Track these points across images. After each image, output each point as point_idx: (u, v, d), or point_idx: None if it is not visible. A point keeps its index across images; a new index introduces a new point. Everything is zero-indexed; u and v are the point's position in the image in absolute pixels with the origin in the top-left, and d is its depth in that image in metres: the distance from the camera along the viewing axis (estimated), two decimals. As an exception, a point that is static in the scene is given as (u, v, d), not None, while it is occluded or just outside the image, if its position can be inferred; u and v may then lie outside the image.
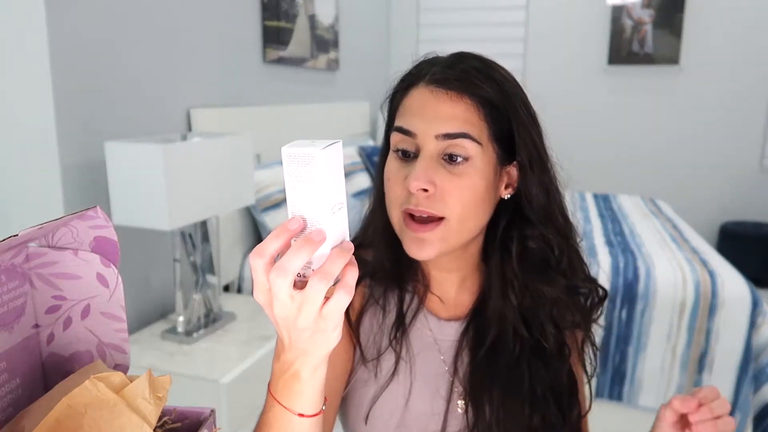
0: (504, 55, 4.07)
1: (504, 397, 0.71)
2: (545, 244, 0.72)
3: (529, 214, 0.71)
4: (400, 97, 0.72)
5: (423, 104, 0.68)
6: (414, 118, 0.68)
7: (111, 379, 0.42)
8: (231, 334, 1.74)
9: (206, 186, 1.59)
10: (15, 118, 1.51)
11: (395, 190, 0.69)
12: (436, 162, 0.66)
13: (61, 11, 1.48)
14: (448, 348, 0.76)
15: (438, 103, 0.67)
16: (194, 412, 0.50)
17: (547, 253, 0.72)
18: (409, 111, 0.69)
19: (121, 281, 0.50)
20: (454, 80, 0.67)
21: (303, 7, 2.85)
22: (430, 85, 0.69)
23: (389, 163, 0.71)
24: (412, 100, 0.70)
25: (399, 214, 0.69)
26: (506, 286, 0.73)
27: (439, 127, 0.66)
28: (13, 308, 0.47)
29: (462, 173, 0.66)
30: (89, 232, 0.49)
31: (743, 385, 1.94)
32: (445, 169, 0.66)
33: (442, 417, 0.72)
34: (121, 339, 0.52)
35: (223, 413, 1.48)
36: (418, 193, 0.65)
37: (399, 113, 0.71)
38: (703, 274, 2.05)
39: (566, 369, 0.75)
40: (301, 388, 0.52)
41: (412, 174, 0.65)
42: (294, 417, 0.52)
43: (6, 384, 0.47)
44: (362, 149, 3.26)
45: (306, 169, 0.45)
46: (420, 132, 0.67)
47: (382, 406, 0.73)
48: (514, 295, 0.73)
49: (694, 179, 4.00)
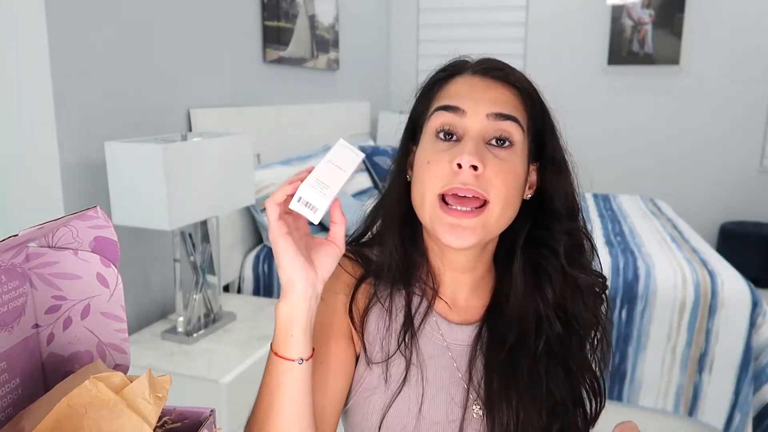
0: (504, 55, 4.05)
1: (521, 402, 0.69)
2: (574, 237, 0.74)
3: (557, 211, 0.73)
4: (441, 84, 0.72)
5: (472, 87, 0.68)
6: (463, 98, 0.67)
7: (111, 379, 0.42)
8: (231, 334, 1.74)
9: (206, 186, 1.59)
10: (15, 118, 1.51)
11: (435, 172, 0.66)
12: (484, 144, 0.66)
13: (61, 11, 1.48)
14: (461, 353, 0.74)
15: (488, 87, 0.68)
16: (194, 412, 0.50)
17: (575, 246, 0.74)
18: (456, 93, 0.69)
19: (121, 281, 0.50)
20: (502, 70, 0.69)
21: (303, 7, 2.85)
22: (478, 73, 0.70)
23: (427, 147, 0.69)
24: (459, 85, 0.70)
25: (434, 200, 0.66)
26: (542, 281, 0.73)
27: (490, 107, 0.66)
28: (13, 308, 0.47)
29: (507, 158, 0.66)
30: (89, 232, 0.49)
31: (743, 385, 1.94)
32: (491, 153, 0.66)
33: (458, 425, 0.70)
34: (121, 339, 0.52)
35: (223, 413, 1.48)
36: (468, 171, 0.63)
37: (440, 97, 0.70)
38: (703, 274, 2.05)
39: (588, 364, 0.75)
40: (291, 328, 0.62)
41: (465, 150, 0.63)
42: (289, 363, 0.61)
43: (6, 384, 0.47)
44: (362, 149, 3.26)
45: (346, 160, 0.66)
46: (470, 109, 0.66)
47: (395, 414, 0.70)
48: (551, 290, 0.73)
49: (694, 179, 4.00)
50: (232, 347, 1.65)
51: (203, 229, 1.76)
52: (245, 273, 2.31)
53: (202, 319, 1.75)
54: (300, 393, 0.62)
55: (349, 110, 3.55)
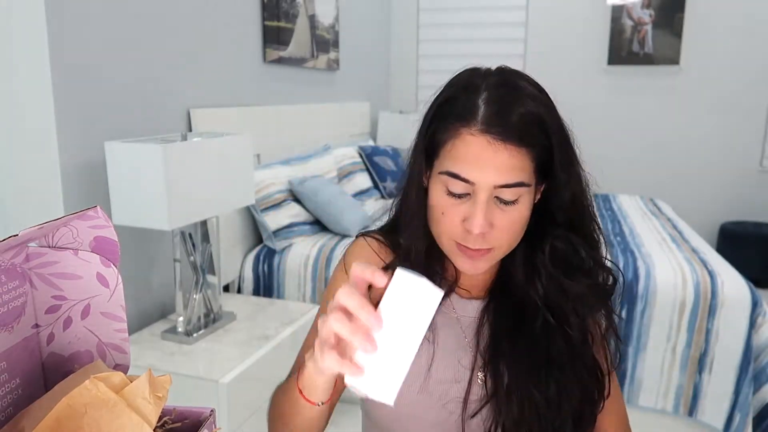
0: (504, 55, 4.07)
1: (521, 365, 0.75)
2: (570, 245, 0.76)
3: (557, 218, 0.76)
4: (451, 133, 0.71)
5: (480, 154, 0.69)
6: (470, 166, 0.69)
7: (111, 379, 0.42)
8: (231, 334, 1.74)
9: (206, 186, 1.59)
10: (15, 118, 1.51)
11: (448, 225, 0.73)
12: (492, 203, 0.70)
13: (61, 11, 1.48)
14: (469, 324, 0.81)
15: (496, 155, 0.68)
16: (194, 412, 0.50)
17: (571, 254, 0.77)
18: (464, 158, 0.70)
19: (121, 281, 0.50)
20: (512, 132, 0.68)
21: (303, 7, 2.85)
22: (486, 135, 0.68)
23: (440, 197, 0.73)
24: (468, 146, 0.69)
25: (450, 242, 0.74)
26: (534, 274, 0.78)
27: (497, 179, 0.68)
28: (13, 308, 0.47)
29: (513, 210, 0.71)
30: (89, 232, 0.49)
31: (743, 385, 1.94)
32: (498, 208, 0.71)
33: (465, 385, 0.76)
34: (121, 339, 0.52)
35: (223, 413, 1.49)
36: (477, 235, 0.70)
37: (450, 154, 0.71)
38: (702, 274, 2.05)
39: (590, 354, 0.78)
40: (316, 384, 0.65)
41: (474, 220, 0.69)
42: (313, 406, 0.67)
43: (6, 384, 0.47)
44: (362, 149, 3.26)
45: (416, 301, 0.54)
46: (478, 182, 0.69)
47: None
48: (540, 285, 0.78)
49: (694, 179, 4.00)
50: (232, 347, 1.65)
51: (203, 229, 1.76)
52: (245, 273, 2.31)
53: (202, 319, 1.75)
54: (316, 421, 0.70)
55: (349, 110, 3.54)
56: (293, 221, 2.40)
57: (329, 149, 2.98)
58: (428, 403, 0.77)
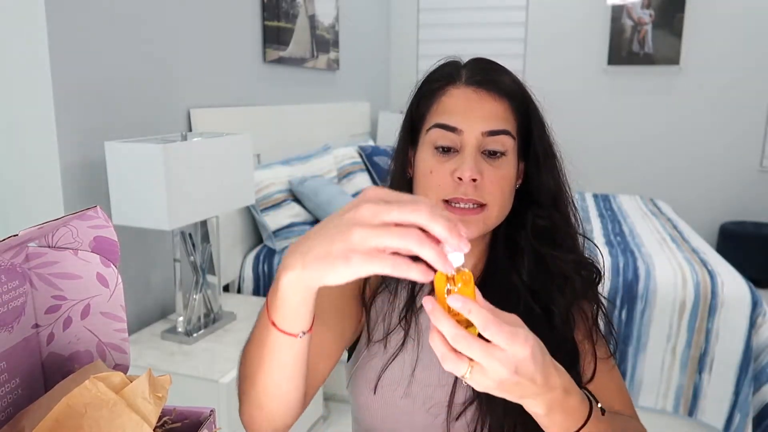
0: (504, 55, 4.07)
1: None
2: (552, 222, 0.78)
3: (538, 199, 0.78)
4: (437, 95, 0.76)
5: (467, 102, 0.73)
6: (459, 116, 0.73)
7: (111, 379, 0.42)
8: (231, 334, 1.74)
9: (206, 186, 1.59)
10: (15, 118, 1.51)
11: (438, 182, 0.73)
12: (480, 155, 0.73)
13: (62, 11, 1.48)
14: None
15: (482, 102, 0.73)
16: (194, 412, 0.50)
17: (552, 230, 0.79)
18: (452, 109, 0.74)
19: (121, 281, 0.50)
20: (494, 82, 0.74)
21: (303, 7, 2.85)
22: (471, 85, 0.74)
23: (427, 158, 0.75)
24: (455, 98, 0.74)
25: (439, 203, 0.73)
26: (517, 254, 0.79)
27: (484, 125, 0.72)
28: (13, 308, 0.47)
29: (501, 165, 0.73)
30: (89, 232, 0.49)
31: (743, 385, 1.94)
32: (486, 162, 0.73)
33: (450, 388, 0.76)
34: (121, 339, 0.52)
35: (223, 413, 1.49)
36: (468, 183, 0.71)
37: (437, 110, 0.75)
38: (702, 274, 2.05)
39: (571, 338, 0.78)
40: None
41: (465, 165, 0.71)
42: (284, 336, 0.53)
43: (6, 384, 0.47)
44: (362, 149, 3.26)
45: None
46: (466, 129, 0.72)
47: (390, 375, 0.77)
48: (524, 266, 0.78)
49: (694, 179, 4.00)
50: (232, 347, 1.65)
51: (203, 229, 1.76)
52: (245, 273, 2.31)
53: (202, 319, 1.75)
54: (294, 362, 0.57)
55: (349, 110, 3.54)
56: (293, 221, 2.40)
57: (329, 149, 2.98)
58: (412, 407, 0.76)
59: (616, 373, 0.83)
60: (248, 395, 0.64)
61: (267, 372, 0.58)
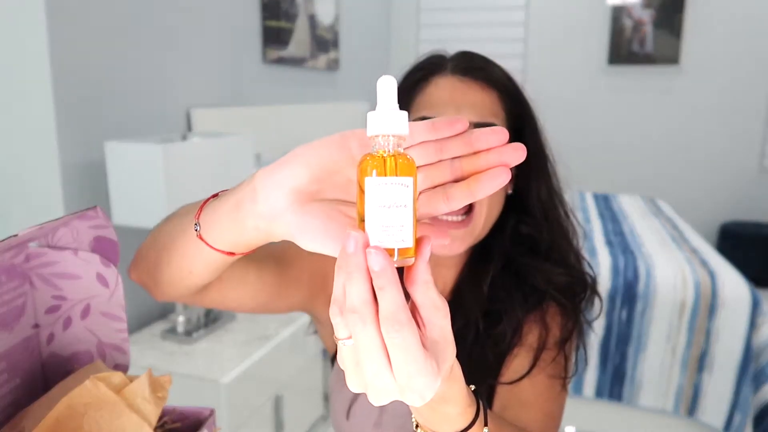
0: (504, 55, 4.07)
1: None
2: (537, 232, 0.73)
3: (527, 205, 0.73)
4: (422, 86, 0.71)
5: (452, 91, 0.69)
6: (444, 107, 0.68)
7: (111, 379, 0.42)
8: (231, 334, 1.74)
9: (206, 186, 1.59)
10: (15, 118, 1.51)
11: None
12: None
13: (61, 11, 1.48)
14: None
15: (468, 89, 0.68)
16: (194, 412, 0.50)
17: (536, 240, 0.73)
18: (437, 100, 0.69)
19: (121, 281, 0.50)
20: (482, 70, 0.69)
21: (303, 7, 2.85)
22: (458, 74, 0.69)
23: None
24: (439, 89, 0.70)
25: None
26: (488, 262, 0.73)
27: (472, 115, 0.67)
28: (13, 308, 0.47)
29: None
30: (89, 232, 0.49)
31: (743, 385, 1.94)
32: None
33: None
34: (121, 339, 0.52)
35: (223, 413, 1.48)
36: None
37: (421, 103, 0.70)
38: (703, 274, 2.05)
39: (503, 351, 0.71)
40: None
41: None
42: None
43: (6, 384, 0.47)
44: (362, 149, 3.26)
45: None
46: None
47: (362, 403, 0.75)
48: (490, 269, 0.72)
49: (694, 179, 4.00)
50: (232, 347, 1.65)
51: (203, 229, 1.76)
52: (245, 273, 2.30)
53: (202, 319, 1.75)
54: (209, 272, 0.50)
55: (349, 110, 3.54)
56: (293, 221, 2.40)
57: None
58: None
59: (556, 397, 0.71)
60: (146, 261, 0.58)
61: (174, 266, 0.52)
